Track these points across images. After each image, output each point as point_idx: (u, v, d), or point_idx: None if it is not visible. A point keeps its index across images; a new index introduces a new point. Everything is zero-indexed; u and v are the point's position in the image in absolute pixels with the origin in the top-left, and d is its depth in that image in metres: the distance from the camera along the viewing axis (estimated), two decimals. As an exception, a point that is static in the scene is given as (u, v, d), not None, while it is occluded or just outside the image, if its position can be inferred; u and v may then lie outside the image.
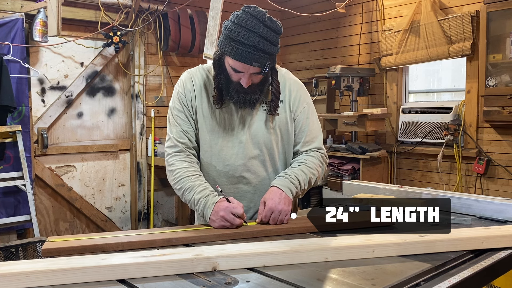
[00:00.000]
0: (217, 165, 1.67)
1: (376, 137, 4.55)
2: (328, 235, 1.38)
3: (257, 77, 1.55)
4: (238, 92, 1.57)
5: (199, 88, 1.67)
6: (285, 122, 1.69)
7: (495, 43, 3.56)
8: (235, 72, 1.53)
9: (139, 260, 1.13)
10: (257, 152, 1.66)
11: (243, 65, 1.49)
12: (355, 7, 4.67)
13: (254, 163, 1.66)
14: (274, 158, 1.69)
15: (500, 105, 3.53)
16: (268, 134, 1.66)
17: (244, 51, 1.45)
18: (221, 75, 1.59)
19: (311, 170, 1.68)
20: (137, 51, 4.45)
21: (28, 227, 3.77)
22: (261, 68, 1.50)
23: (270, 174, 1.69)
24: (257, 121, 1.65)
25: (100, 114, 4.42)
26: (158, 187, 4.69)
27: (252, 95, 1.58)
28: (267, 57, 1.48)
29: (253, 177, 1.67)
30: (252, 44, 1.45)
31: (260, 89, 1.60)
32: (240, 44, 1.46)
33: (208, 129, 1.65)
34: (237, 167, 1.65)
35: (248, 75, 1.52)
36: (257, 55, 1.46)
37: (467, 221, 1.62)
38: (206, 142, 1.66)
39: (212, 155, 1.66)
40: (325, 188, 4.16)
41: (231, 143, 1.65)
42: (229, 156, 1.65)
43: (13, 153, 3.66)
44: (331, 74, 4.19)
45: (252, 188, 1.69)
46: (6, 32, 3.57)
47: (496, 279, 1.45)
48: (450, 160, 3.98)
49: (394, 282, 1.05)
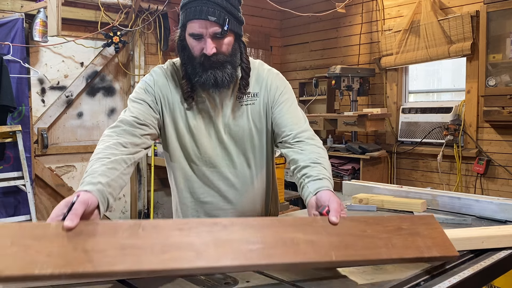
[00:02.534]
0: (198, 170, 1.52)
1: (376, 137, 4.55)
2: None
3: (221, 42, 1.36)
4: (205, 68, 1.37)
5: (173, 84, 1.49)
6: (258, 117, 1.53)
7: (495, 43, 3.56)
8: (196, 41, 1.35)
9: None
10: (240, 149, 1.53)
11: (199, 23, 1.32)
12: (355, 7, 4.67)
13: (237, 159, 1.53)
14: (252, 153, 1.55)
15: (500, 105, 3.53)
16: (248, 127, 1.52)
17: (197, 6, 1.31)
18: (185, 57, 1.42)
19: (323, 157, 1.42)
20: (137, 51, 4.45)
21: (28, 227, 3.77)
22: (220, 25, 1.32)
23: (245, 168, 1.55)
24: (236, 117, 1.50)
25: (100, 114, 4.42)
26: (158, 187, 4.69)
27: (223, 70, 1.38)
28: (224, 12, 1.33)
29: (233, 172, 1.54)
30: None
31: (232, 64, 1.40)
32: (192, 3, 1.33)
33: (187, 128, 1.48)
34: (221, 164, 1.52)
35: (209, 38, 1.33)
36: (211, 7, 1.31)
37: (467, 221, 1.62)
38: (186, 142, 1.50)
39: (193, 158, 1.51)
40: (325, 188, 4.15)
41: (213, 141, 1.50)
42: (213, 155, 1.51)
43: (13, 153, 3.66)
44: (331, 74, 4.19)
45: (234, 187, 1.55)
46: (6, 32, 3.57)
47: (496, 279, 1.45)
48: (450, 160, 3.98)
49: (394, 282, 1.05)
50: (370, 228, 1.12)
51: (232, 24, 1.36)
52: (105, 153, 1.25)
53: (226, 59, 1.39)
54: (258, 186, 1.59)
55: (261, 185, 1.60)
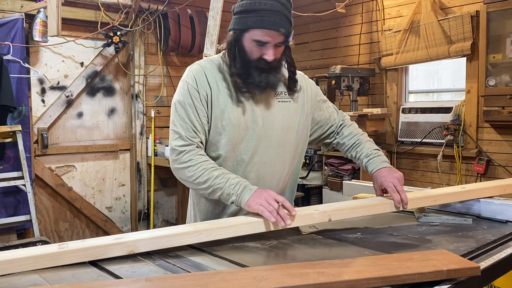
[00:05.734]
0: (231, 160, 1.57)
1: (376, 137, 4.55)
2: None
3: (279, 50, 1.50)
4: (260, 72, 1.49)
5: (213, 81, 1.55)
6: (292, 114, 1.63)
7: (495, 43, 3.56)
8: (258, 46, 1.46)
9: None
10: (274, 144, 1.60)
11: (269, 33, 1.43)
12: (355, 7, 4.67)
13: (271, 153, 1.60)
14: (292, 152, 1.66)
15: (500, 105, 3.53)
16: (282, 124, 1.60)
17: (271, 17, 1.41)
18: (236, 59, 1.51)
19: (365, 135, 1.78)
20: (137, 51, 4.45)
21: (28, 227, 3.77)
22: (285, 37, 1.45)
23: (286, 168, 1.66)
24: (273, 112, 1.59)
25: (100, 114, 4.42)
26: (158, 187, 4.69)
27: (275, 74, 1.53)
28: (289, 25, 1.45)
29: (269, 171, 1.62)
30: (277, 10, 1.42)
31: (279, 67, 1.56)
32: (264, 12, 1.41)
33: (226, 123, 1.53)
34: (255, 156, 1.58)
35: (272, 46, 1.46)
36: (283, 20, 1.42)
37: (468, 221, 1.62)
38: (223, 138, 1.55)
39: (228, 150, 1.56)
40: (325, 188, 4.16)
41: (249, 137, 1.56)
42: (247, 148, 1.56)
43: (13, 153, 3.66)
44: (331, 74, 4.19)
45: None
46: (6, 32, 3.57)
47: (496, 279, 1.45)
48: (450, 160, 3.98)
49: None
50: (380, 261, 1.13)
51: (292, 35, 1.49)
52: (213, 167, 1.49)
53: (278, 65, 1.54)
54: (282, 180, 1.66)
55: (288, 182, 1.69)
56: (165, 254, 1.27)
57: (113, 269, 1.16)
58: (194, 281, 1.02)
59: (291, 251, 1.34)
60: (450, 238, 1.44)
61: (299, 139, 1.67)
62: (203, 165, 1.47)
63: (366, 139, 1.75)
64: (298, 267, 1.10)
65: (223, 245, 1.35)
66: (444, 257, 1.14)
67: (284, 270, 1.07)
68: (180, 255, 1.28)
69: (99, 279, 1.11)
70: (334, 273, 1.04)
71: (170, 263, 1.22)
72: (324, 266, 1.10)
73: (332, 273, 1.04)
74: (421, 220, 1.66)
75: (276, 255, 1.31)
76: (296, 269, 1.07)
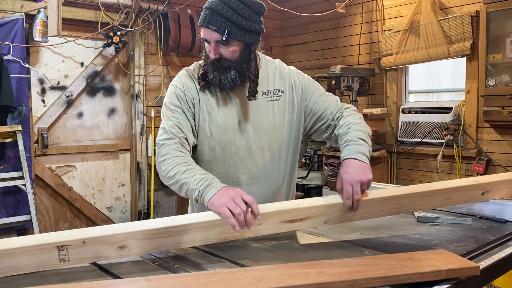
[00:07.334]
0: (221, 163, 1.58)
1: (376, 137, 4.55)
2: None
3: (225, 48, 1.47)
4: (213, 69, 1.51)
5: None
6: (282, 112, 1.62)
7: (495, 43, 3.56)
8: (207, 44, 1.50)
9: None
10: (263, 142, 1.60)
11: (204, 30, 1.47)
12: (355, 7, 4.67)
13: (260, 152, 1.60)
14: (279, 149, 1.64)
15: (500, 105, 3.53)
16: (272, 121, 1.60)
17: (206, 15, 1.45)
18: (204, 56, 1.57)
19: (361, 125, 1.61)
20: (137, 51, 4.45)
21: (28, 227, 3.77)
22: (220, 34, 1.43)
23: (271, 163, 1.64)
24: (262, 112, 1.59)
25: (100, 114, 4.42)
26: (158, 187, 4.69)
27: (226, 74, 1.50)
28: (226, 22, 1.43)
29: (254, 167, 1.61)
30: (211, 8, 1.44)
31: (237, 69, 1.51)
32: (204, 10, 1.47)
33: (213, 126, 1.56)
34: (244, 157, 1.59)
35: (213, 44, 1.47)
36: (214, 17, 1.43)
37: (467, 221, 1.62)
38: (212, 141, 1.57)
39: (217, 152, 1.58)
40: (325, 188, 4.16)
41: (239, 139, 1.57)
42: (237, 148, 1.57)
43: (13, 153, 3.66)
44: (331, 74, 4.19)
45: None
46: (6, 32, 3.57)
47: (496, 279, 1.45)
48: (450, 160, 3.98)
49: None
50: (380, 261, 1.14)
51: (235, 34, 1.45)
52: (186, 162, 1.44)
53: (230, 65, 1.50)
54: (278, 180, 1.65)
55: (282, 179, 1.67)
56: (165, 254, 1.28)
57: (113, 269, 1.17)
58: (194, 281, 1.02)
59: (291, 251, 1.34)
60: (450, 238, 1.44)
61: (293, 135, 1.67)
62: (176, 159, 1.43)
63: (357, 128, 1.58)
64: (298, 267, 1.10)
65: (223, 245, 1.36)
66: (443, 257, 1.15)
67: (284, 270, 1.07)
68: (180, 255, 1.28)
69: (99, 279, 1.11)
70: (333, 273, 1.04)
71: (170, 263, 1.22)
72: (324, 266, 1.10)
73: (331, 273, 1.04)
74: (420, 220, 1.66)
75: (276, 255, 1.32)
76: (296, 269, 1.08)
